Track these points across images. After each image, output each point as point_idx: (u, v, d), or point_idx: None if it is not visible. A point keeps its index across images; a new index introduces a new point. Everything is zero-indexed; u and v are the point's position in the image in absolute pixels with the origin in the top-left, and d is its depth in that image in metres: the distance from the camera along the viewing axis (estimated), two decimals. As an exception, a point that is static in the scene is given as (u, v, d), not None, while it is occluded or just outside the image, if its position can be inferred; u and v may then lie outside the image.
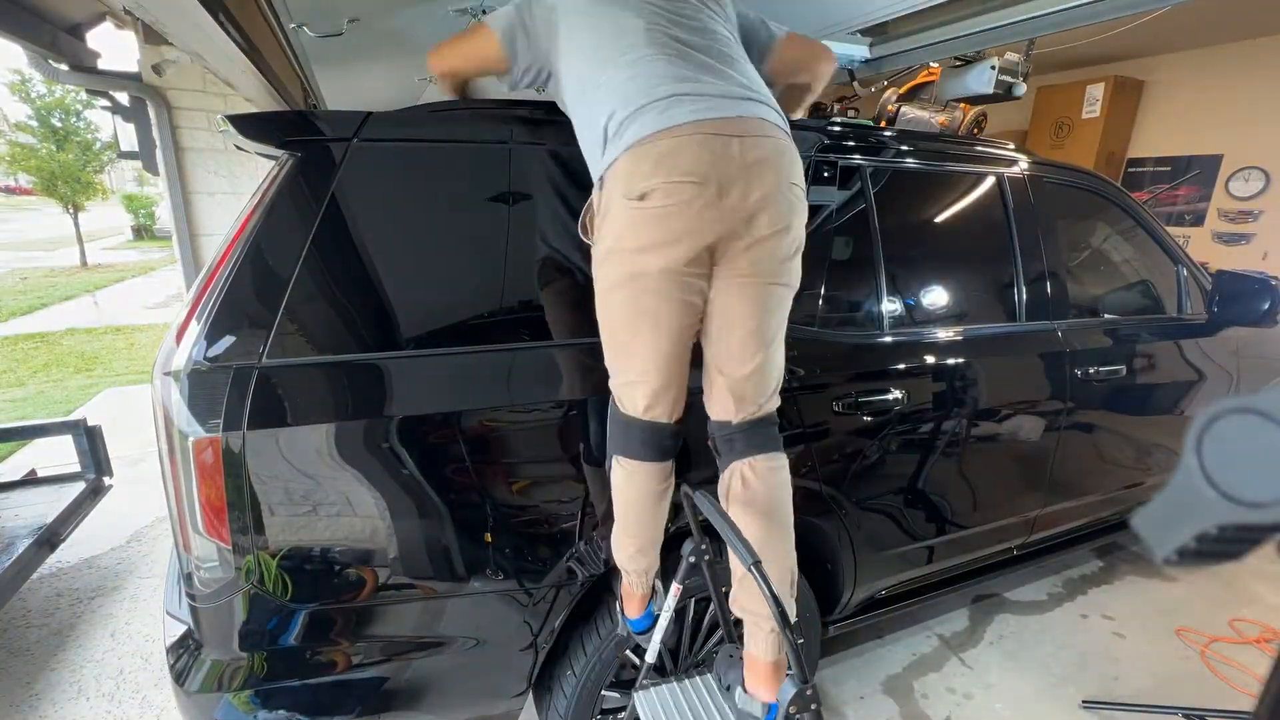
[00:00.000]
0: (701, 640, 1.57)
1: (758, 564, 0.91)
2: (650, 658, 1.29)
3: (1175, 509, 0.58)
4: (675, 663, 1.55)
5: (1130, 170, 4.97)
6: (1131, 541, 2.66)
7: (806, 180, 1.48)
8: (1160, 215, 4.61)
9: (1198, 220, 4.57)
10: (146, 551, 2.70)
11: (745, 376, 1.13)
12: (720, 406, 1.16)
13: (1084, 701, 1.92)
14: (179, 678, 1.15)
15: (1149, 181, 4.83)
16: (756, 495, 1.14)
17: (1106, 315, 2.07)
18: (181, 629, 1.21)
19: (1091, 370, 1.89)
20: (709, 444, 1.21)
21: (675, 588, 1.24)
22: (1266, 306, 2.04)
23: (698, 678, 1.32)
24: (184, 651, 1.18)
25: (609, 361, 1.16)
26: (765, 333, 1.12)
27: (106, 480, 2.52)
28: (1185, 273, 2.20)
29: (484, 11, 1.93)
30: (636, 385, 1.12)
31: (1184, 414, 2.17)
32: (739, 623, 1.19)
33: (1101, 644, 2.19)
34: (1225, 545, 0.55)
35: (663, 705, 1.25)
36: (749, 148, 1.02)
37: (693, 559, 1.21)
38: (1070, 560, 2.64)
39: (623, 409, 1.16)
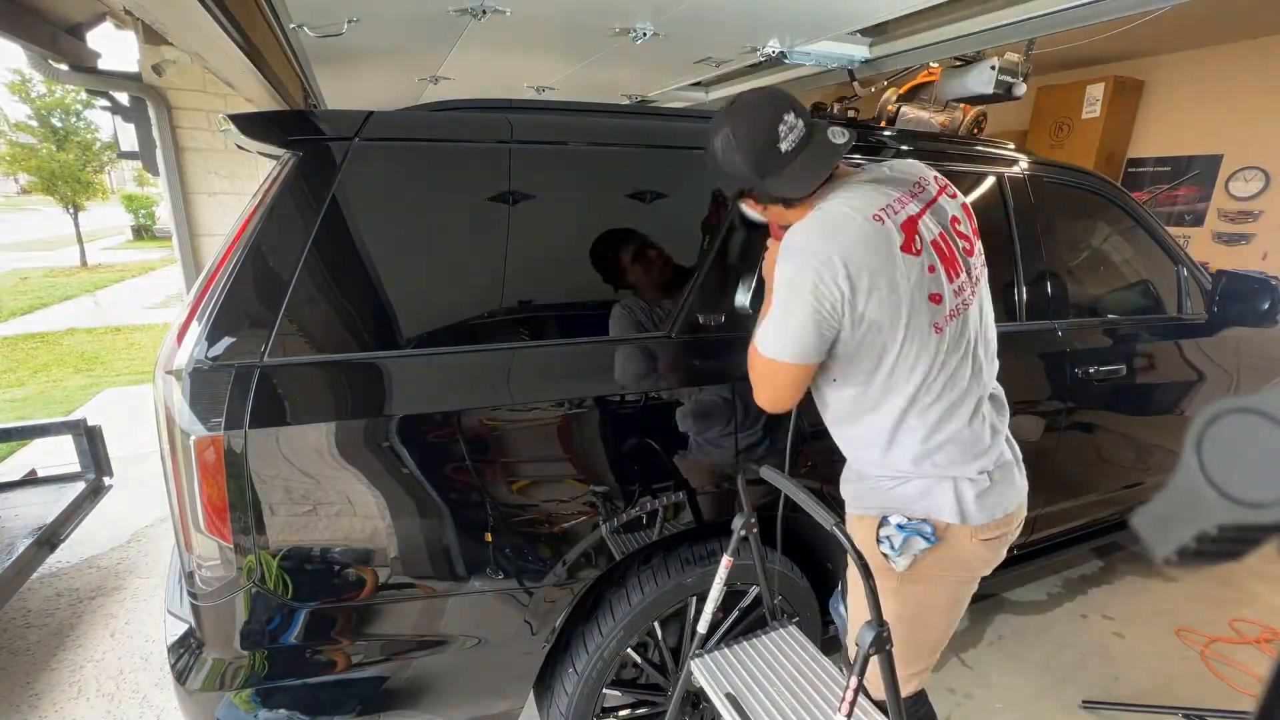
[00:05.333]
0: (741, 614, 1.60)
1: (839, 524, 0.97)
2: (702, 627, 1.33)
3: (1175, 509, 0.58)
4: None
5: (1130, 170, 4.96)
6: (1131, 541, 2.66)
7: None
8: (1160, 215, 4.61)
9: (1198, 220, 4.56)
10: (146, 551, 2.69)
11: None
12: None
13: (1084, 702, 1.92)
14: (180, 676, 1.16)
15: (1149, 182, 4.82)
16: None
17: (1107, 315, 2.07)
18: (183, 628, 1.21)
19: (1091, 370, 1.89)
20: None
21: (726, 560, 1.27)
22: (1266, 306, 2.04)
23: (745, 642, 1.39)
24: (185, 650, 1.18)
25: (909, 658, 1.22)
26: None
27: (106, 480, 2.52)
28: (1185, 272, 2.20)
29: (484, 12, 1.91)
30: (920, 676, 1.28)
31: (1184, 414, 2.17)
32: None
33: (1101, 644, 2.19)
34: (1225, 545, 0.55)
35: (718, 667, 1.32)
36: None
37: (742, 533, 1.24)
38: (1070, 560, 2.64)
39: None
